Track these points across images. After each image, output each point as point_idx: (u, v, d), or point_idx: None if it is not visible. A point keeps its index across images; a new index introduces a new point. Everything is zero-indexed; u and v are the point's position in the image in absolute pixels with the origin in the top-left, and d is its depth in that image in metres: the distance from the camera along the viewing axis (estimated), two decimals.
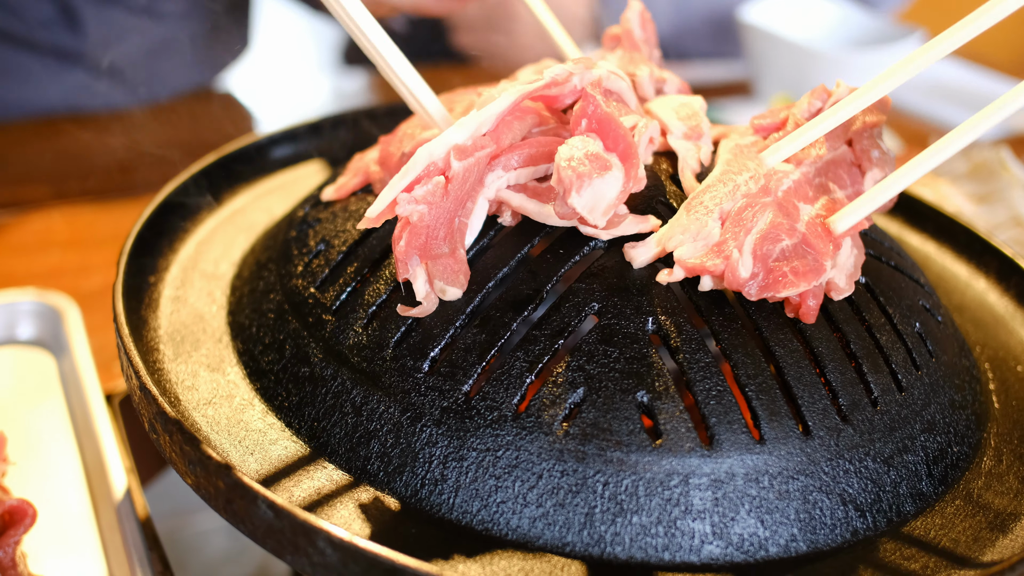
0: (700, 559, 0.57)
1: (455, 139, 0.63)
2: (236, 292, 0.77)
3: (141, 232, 0.77)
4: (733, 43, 2.06)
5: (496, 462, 0.59)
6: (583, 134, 0.64)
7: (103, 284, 1.19)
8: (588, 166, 0.61)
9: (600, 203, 0.62)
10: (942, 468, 0.65)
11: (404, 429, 0.61)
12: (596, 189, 0.62)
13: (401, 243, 0.62)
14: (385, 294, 0.66)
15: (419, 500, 0.59)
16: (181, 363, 0.69)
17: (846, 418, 0.62)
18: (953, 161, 1.48)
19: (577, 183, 0.61)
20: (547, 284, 0.64)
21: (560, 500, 0.58)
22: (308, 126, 0.99)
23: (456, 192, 0.63)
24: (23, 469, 0.84)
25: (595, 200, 0.62)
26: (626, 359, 0.61)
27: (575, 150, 0.62)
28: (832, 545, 0.59)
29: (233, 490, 0.56)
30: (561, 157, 0.61)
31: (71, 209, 1.37)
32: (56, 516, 0.80)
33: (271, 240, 0.80)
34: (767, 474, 0.59)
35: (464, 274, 0.64)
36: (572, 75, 0.67)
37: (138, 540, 0.74)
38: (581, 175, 0.61)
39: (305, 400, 0.65)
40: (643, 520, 0.57)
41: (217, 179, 0.90)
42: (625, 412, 0.59)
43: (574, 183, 0.61)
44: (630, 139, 0.64)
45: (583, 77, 0.67)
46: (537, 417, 0.59)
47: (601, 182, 0.62)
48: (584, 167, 0.61)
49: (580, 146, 0.62)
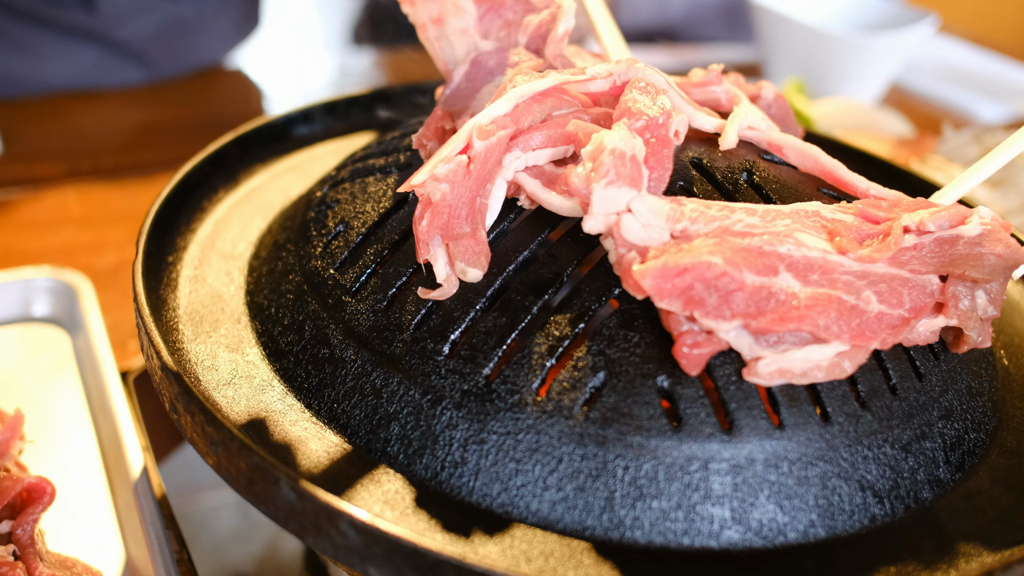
0: (719, 544, 0.57)
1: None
2: (254, 272, 0.77)
3: (160, 211, 0.77)
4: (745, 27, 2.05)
5: (516, 445, 0.59)
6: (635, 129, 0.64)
7: (117, 262, 1.20)
8: (627, 169, 0.61)
9: (609, 206, 0.62)
10: (959, 455, 0.65)
11: (424, 412, 0.61)
12: (616, 195, 0.61)
13: (423, 223, 0.62)
14: (405, 276, 0.66)
15: (439, 483, 0.59)
16: (200, 343, 0.70)
17: (865, 404, 0.62)
18: (965, 146, 1.47)
19: (608, 178, 0.61)
20: (568, 268, 0.64)
21: (580, 484, 0.58)
22: (323, 106, 0.99)
23: (478, 172, 0.63)
24: (39, 446, 0.84)
25: (608, 203, 0.62)
26: (647, 344, 0.61)
27: (626, 143, 0.62)
28: (850, 531, 0.59)
29: (255, 471, 0.56)
30: (611, 141, 0.61)
31: (85, 186, 1.37)
32: (73, 494, 0.80)
33: (289, 220, 0.80)
34: (786, 460, 0.59)
35: (485, 255, 0.64)
36: (613, 73, 0.68)
37: (155, 518, 0.75)
38: (620, 174, 0.61)
39: (325, 382, 0.65)
40: (663, 505, 0.58)
41: (233, 158, 0.90)
42: (645, 397, 0.59)
43: (609, 174, 0.61)
44: (669, 164, 0.65)
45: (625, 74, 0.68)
46: (557, 401, 0.59)
47: (623, 193, 0.61)
48: (624, 169, 0.61)
49: (629, 141, 0.62)
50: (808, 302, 0.59)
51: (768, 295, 0.59)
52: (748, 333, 0.60)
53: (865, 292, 0.61)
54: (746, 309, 0.59)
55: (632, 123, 0.64)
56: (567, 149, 0.67)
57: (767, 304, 0.59)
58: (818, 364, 0.60)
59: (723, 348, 0.60)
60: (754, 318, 0.59)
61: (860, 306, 0.61)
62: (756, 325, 0.59)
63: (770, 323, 0.59)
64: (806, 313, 0.59)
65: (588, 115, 0.69)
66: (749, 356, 0.60)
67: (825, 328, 0.59)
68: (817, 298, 0.60)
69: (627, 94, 0.67)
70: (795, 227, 0.63)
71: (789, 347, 0.60)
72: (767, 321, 0.59)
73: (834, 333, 0.60)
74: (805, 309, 0.59)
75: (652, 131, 0.65)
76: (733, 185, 0.69)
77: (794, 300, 0.59)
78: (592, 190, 0.61)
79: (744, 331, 0.59)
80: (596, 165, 0.61)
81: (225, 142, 0.89)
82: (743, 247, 0.60)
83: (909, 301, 0.62)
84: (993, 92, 2.01)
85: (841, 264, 0.62)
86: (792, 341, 0.60)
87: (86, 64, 1.63)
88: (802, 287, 0.60)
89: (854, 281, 0.61)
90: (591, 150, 0.62)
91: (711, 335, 0.59)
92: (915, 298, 0.62)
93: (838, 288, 0.61)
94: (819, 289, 0.60)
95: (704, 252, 0.59)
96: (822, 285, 0.60)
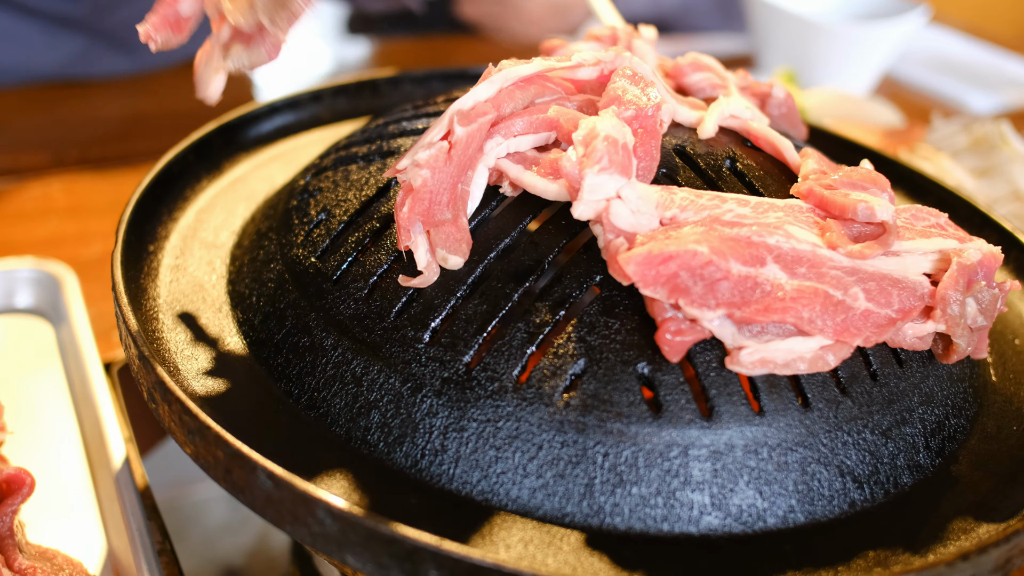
0: (699, 530, 0.57)
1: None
2: (236, 261, 0.77)
3: (140, 200, 0.77)
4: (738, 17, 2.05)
5: (496, 433, 0.59)
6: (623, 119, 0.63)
7: (102, 252, 1.19)
8: (619, 156, 0.61)
9: (599, 192, 0.62)
10: (940, 440, 0.65)
11: (404, 400, 0.61)
12: (607, 181, 0.61)
13: (404, 209, 0.62)
14: (386, 264, 0.66)
15: (419, 471, 0.59)
16: (180, 332, 0.69)
17: (845, 390, 0.62)
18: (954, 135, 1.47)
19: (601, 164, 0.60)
20: (549, 255, 0.64)
21: (560, 471, 0.58)
22: (309, 94, 0.99)
23: (459, 157, 0.63)
24: (21, 438, 0.84)
25: (599, 188, 0.61)
26: (627, 330, 0.61)
27: (618, 130, 0.61)
28: (830, 517, 0.59)
29: (232, 460, 0.56)
30: (604, 127, 0.61)
31: (70, 177, 1.36)
32: (54, 485, 0.80)
33: (272, 209, 0.80)
34: (766, 446, 0.59)
35: (466, 242, 0.63)
36: (601, 62, 0.68)
37: (137, 510, 0.74)
38: (613, 161, 0.61)
39: (305, 370, 0.65)
40: (642, 491, 0.57)
41: (217, 147, 0.90)
42: (626, 383, 0.59)
43: (603, 160, 0.60)
44: (656, 154, 0.64)
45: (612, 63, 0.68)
46: (538, 388, 0.59)
47: (614, 180, 0.61)
48: (616, 156, 0.61)
49: (620, 129, 0.62)
50: (794, 294, 0.59)
51: (753, 285, 0.59)
52: (731, 322, 0.59)
53: (853, 288, 0.61)
54: (731, 298, 0.59)
55: (621, 111, 0.64)
56: (549, 136, 0.67)
57: (752, 294, 0.59)
58: (801, 356, 0.60)
59: (706, 336, 0.59)
60: (739, 308, 0.59)
61: (847, 302, 0.60)
62: (740, 315, 0.59)
63: (754, 313, 0.59)
64: (791, 305, 0.59)
65: (571, 102, 0.69)
66: (732, 345, 0.60)
67: (809, 321, 0.59)
68: (803, 291, 0.59)
69: (615, 82, 0.67)
70: (786, 220, 0.63)
71: (772, 338, 0.60)
72: (751, 311, 0.59)
73: (817, 327, 0.60)
74: (790, 301, 0.59)
75: (641, 121, 0.64)
76: (716, 173, 0.69)
77: (779, 291, 0.59)
78: (584, 175, 0.61)
79: (727, 320, 0.59)
80: (589, 151, 0.61)
81: (209, 130, 0.89)
82: (731, 236, 0.60)
83: (898, 302, 0.62)
84: (984, 82, 2.01)
85: (831, 259, 0.61)
86: (776, 332, 0.60)
87: (72, 53, 1.62)
88: (788, 279, 0.60)
89: (843, 277, 0.61)
90: (584, 135, 0.61)
91: (695, 323, 0.59)
92: (904, 299, 0.62)
93: (826, 282, 0.60)
94: (806, 282, 0.60)
95: (690, 240, 0.58)
96: (809, 278, 0.60)
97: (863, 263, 0.62)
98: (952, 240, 0.66)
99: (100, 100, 1.59)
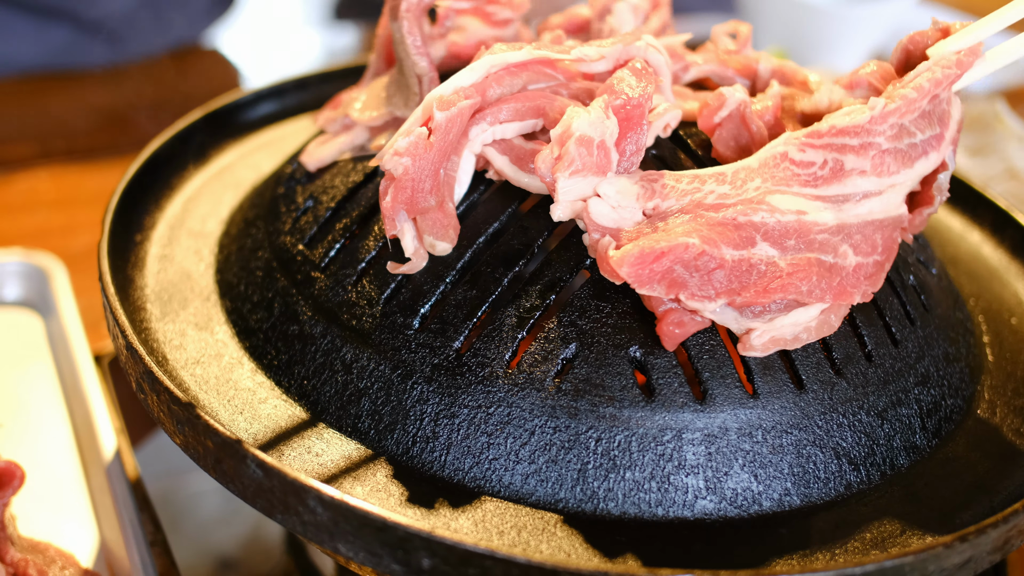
0: (693, 514, 0.57)
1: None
2: (224, 250, 0.76)
3: (126, 190, 0.76)
4: None
5: (488, 419, 0.58)
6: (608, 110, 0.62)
7: (90, 244, 1.18)
8: (593, 157, 0.60)
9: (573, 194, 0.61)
10: (936, 421, 0.65)
11: (395, 387, 0.60)
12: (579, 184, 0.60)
13: (387, 198, 0.61)
14: (374, 251, 0.65)
15: (410, 458, 0.59)
16: (168, 322, 0.69)
17: (840, 372, 0.62)
18: None
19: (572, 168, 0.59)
20: (538, 239, 0.63)
21: (552, 456, 0.57)
22: (295, 82, 0.98)
23: (439, 143, 0.62)
24: (10, 431, 0.83)
25: (572, 191, 0.60)
26: (619, 314, 0.60)
27: (595, 128, 0.60)
28: (826, 499, 0.59)
29: (222, 449, 0.55)
30: (579, 126, 0.60)
31: (57, 168, 1.35)
32: (45, 478, 0.79)
33: (259, 197, 0.79)
34: (760, 428, 0.58)
35: (454, 228, 0.63)
36: (603, 58, 0.66)
37: (128, 501, 0.74)
38: (585, 164, 0.59)
39: (295, 358, 0.64)
40: (636, 476, 0.57)
41: (204, 136, 0.89)
42: (618, 367, 0.59)
43: (574, 164, 0.59)
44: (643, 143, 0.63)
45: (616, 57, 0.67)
46: (529, 373, 0.59)
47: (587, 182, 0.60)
48: (589, 157, 0.60)
49: (599, 125, 0.61)
50: (789, 269, 0.59)
51: (748, 268, 0.58)
52: (732, 308, 0.59)
53: (842, 247, 0.60)
54: (729, 286, 0.58)
55: (611, 100, 0.62)
56: (536, 123, 0.65)
57: (748, 277, 0.58)
58: (806, 326, 0.60)
59: (707, 325, 0.59)
60: (738, 294, 0.58)
61: (839, 263, 0.60)
62: (741, 300, 0.58)
63: (755, 296, 0.58)
64: (788, 281, 0.58)
65: (568, 90, 0.67)
66: (738, 329, 0.59)
67: (808, 293, 0.59)
68: (797, 264, 0.59)
69: (619, 72, 0.65)
70: (766, 187, 0.61)
71: (774, 315, 0.59)
72: (752, 295, 0.58)
73: (817, 296, 0.59)
74: (787, 277, 0.58)
75: (629, 111, 0.63)
76: (705, 150, 0.68)
77: (774, 270, 0.59)
78: (556, 179, 0.60)
79: (728, 307, 0.59)
80: (562, 153, 0.60)
81: (195, 119, 0.88)
82: (718, 221, 0.59)
83: (881, 243, 0.61)
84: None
85: (816, 224, 0.61)
86: (776, 308, 0.59)
87: (59, 44, 1.60)
88: (780, 255, 0.59)
89: (830, 238, 0.60)
90: (559, 134, 0.60)
91: (694, 313, 0.58)
92: (887, 238, 0.62)
93: (815, 249, 0.60)
94: (798, 255, 0.59)
95: (680, 233, 0.57)
96: (800, 250, 0.60)
97: (847, 216, 0.61)
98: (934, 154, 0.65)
99: (86, 91, 1.57)
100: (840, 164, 0.62)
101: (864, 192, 0.62)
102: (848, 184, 0.62)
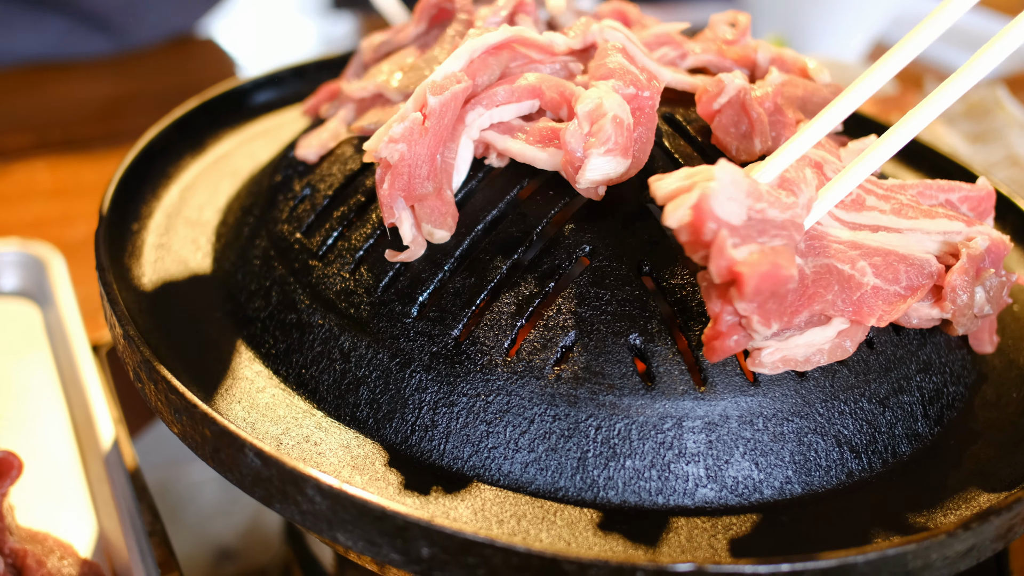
0: (694, 502, 0.57)
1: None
2: (221, 239, 0.76)
3: (123, 179, 0.76)
4: None
5: (487, 407, 0.58)
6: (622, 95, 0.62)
7: (88, 234, 1.18)
8: (623, 139, 0.59)
9: (602, 173, 0.60)
10: (938, 408, 0.64)
11: (393, 375, 0.60)
12: (608, 163, 0.60)
13: (385, 186, 0.61)
14: (372, 239, 0.65)
15: (409, 447, 0.58)
16: (166, 311, 0.68)
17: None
18: None
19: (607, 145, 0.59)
20: (537, 226, 0.63)
21: (552, 445, 0.57)
22: (292, 70, 0.97)
23: (435, 128, 0.61)
24: (9, 421, 0.83)
25: (600, 169, 0.60)
26: (618, 301, 0.59)
27: (623, 110, 0.60)
28: (827, 487, 0.58)
29: (220, 438, 0.55)
30: (611, 105, 0.59)
31: (54, 158, 1.35)
32: (43, 468, 0.79)
33: (256, 186, 0.79)
34: (761, 416, 0.58)
35: (452, 216, 0.62)
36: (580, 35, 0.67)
37: (127, 491, 0.74)
38: (618, 143, 0.59)
39: (292, 347, 0.64)
40: (636, 464, 0.57)
41: (200, 124, 0.88)
42: (617, 355, 0.58)
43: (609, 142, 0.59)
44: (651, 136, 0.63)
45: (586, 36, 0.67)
46: (528, 361, 0.58)
47: (616, 163, 0.60)
48: (621, 138, 0.59)
49: (624, 109, 0.60)
50: (814, 277, 0.57)
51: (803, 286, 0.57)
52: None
53: (860, 263, 0.59)
54: (791, 307, 0.56)
55: (621, 88, 0.62)
56: (532, 104, 0.65)
57: (788, 296, 0.56)
58: (820, 347, 0.58)
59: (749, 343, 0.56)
60: (787, 315, 0.56)
61: (856, 276, 0.59)
62: (787, 319, 0.56)
63: (792, 314, 0.56)
64: (816, 290, 0.57)
65: (546, 67, 0.68)
66: (754, 346, 0.57)
67: (832, 303, 0.57)
68: (819, 271, 0.58)
69: (610, 55, 0.64)
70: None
71: (793, 333, 0.58)
72: (794, 310, 0.56)
73: (839, 307, 0.57)
74: (813, 286, 0.57)
75: (639, 102, 0.62)
76: (704, 136, 0.67)
77: (804, 278, 0.57)
78: (589, 155, 0.59)
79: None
80: (596, 129, 0.59)
81: (191, 108, 0.87)
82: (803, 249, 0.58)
83: (906, 279, 0.60)
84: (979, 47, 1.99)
85: (829, 234, 0.60)
86: (798, 324, 0.57)
87: (55, 34, 1.60)
88: (802, 261, 0.57)
89: (846, 251, 0.60)
90: (590, 110, 0.60)
91: (745, 329, 0.54)
92: (912, 277, 0.60)
93: (831, 256, 0.59)
94: (818, 260, 0.58)
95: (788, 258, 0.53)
96: (817, 255, 0.58)
97: (861, 238, 0.60)
98: (958, 223, 0.63)
99: (83, 81, 1.57)
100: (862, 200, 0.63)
101: (883, 226, 0.62)
102: (865, 216, 0.62)
